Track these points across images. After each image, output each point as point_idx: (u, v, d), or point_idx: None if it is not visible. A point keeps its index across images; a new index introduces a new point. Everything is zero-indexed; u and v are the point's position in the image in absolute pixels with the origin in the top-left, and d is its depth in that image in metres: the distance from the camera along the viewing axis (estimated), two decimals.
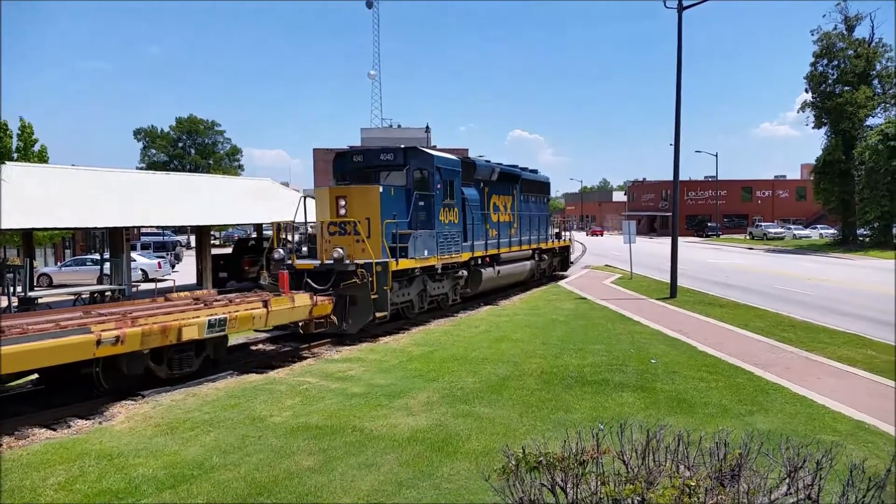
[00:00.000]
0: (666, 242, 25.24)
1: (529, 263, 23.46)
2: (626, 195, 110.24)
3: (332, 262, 13.87)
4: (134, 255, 27.92)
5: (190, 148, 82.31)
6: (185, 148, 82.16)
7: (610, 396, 9.08)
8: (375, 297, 13.72)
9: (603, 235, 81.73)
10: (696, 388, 9.50)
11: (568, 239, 30.22)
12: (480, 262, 19.22)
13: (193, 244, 38.71)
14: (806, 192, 77.42)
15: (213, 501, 5.92)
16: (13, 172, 18.25)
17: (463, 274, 18.14)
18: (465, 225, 18.06)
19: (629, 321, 15.64)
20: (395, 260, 14.52)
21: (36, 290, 22.16)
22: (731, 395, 9.13)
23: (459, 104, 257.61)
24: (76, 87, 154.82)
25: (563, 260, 28.81)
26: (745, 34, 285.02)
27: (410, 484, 6.18)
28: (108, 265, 21.31)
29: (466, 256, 18.08)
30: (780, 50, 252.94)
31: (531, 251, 23.62)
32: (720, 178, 78.76)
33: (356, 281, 13.57)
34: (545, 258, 25.52)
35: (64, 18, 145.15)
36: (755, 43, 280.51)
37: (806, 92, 51.10)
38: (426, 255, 15.91)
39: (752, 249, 50.88)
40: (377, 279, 13.74)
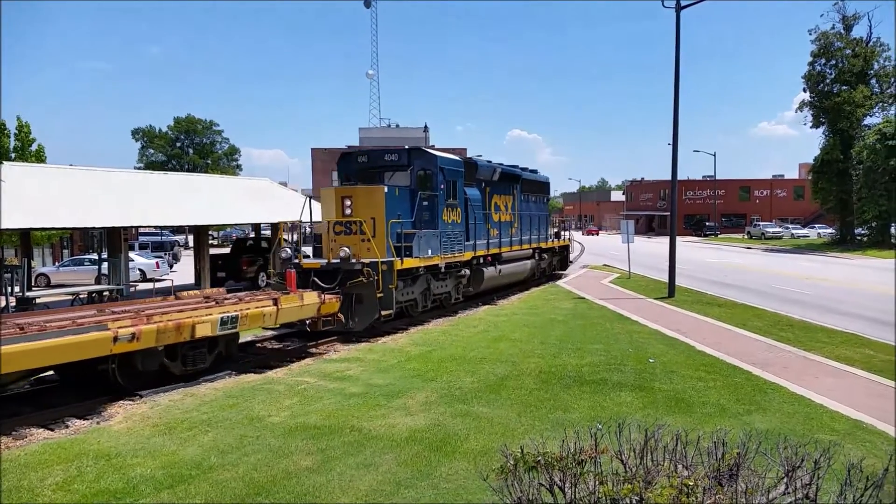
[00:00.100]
0: (664, 242, 25.26)
1: (530, 262, 23.63)
2: (624, 195, 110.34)
3: (338, 260, 14.01)
4: (132, 254, 27.87)
5: (188, 148, 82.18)
6: (183, 148, 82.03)
7: (608, 396, 9.09)
8: (381, 295, 13.84)
9: (598, 235, 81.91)
10: (694, 387, 9.51)
11: (567, 238, 30.44)
12: (482, 261, 19.39)
13: (191, 244, 38.65)
14: (804, 191, 77.55)
15: (211, 501, 5.92)
16: (11, 172, 18.22)
17: (466, 273, 18.29)
18: (467, 224, 18.21)
19: (627, 321, 15.65)
20: (399, 259, 14.65)
21: (34, 290, 22.13)
22: (729, 394, 9.14)
23: (457, 104, 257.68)
24: (74, 86, 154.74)
25: (562, 259, 29.02)
26: (743, 34, 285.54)
27: (409, 484, 6.18)
28: (106, 265, 21.29)
29: (469, 256, 18.23)
30: (778, 49, 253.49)
31: (531, 250, 23.77)
32: (718, 177, 78.92)
33: (362, 280, 13.69)
34: (545, 257, 25.71)
35: (62, 18, 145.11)
36: (753, 42, 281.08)
37: (804, 91, 51.30)
38: (430, 254, 16.05)
39: (750, 249, 50.93)
40: (383, 278, 13.87)
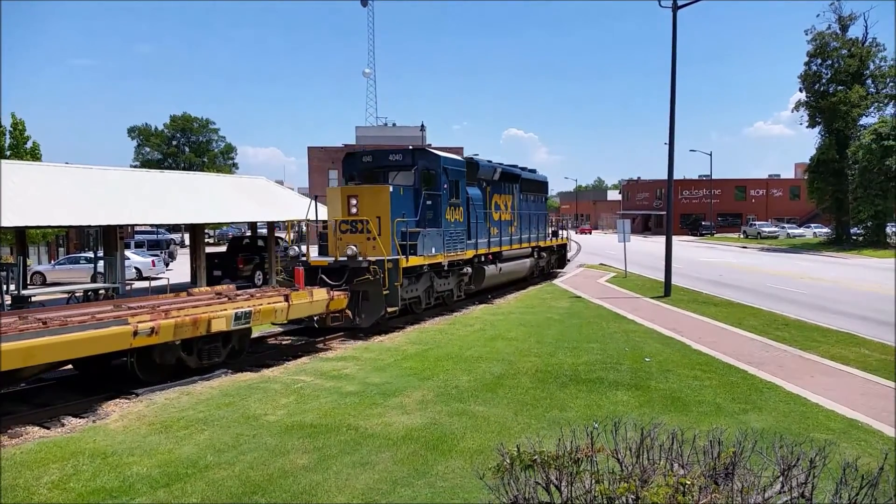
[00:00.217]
0: (660, 241, 25.33)
1: (529, 261, 23.93)
2: (620, 194, 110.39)
3: (345, 258, 14.35)
4: (128, 253, 27.82)
5: (184, 146, 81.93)
6: (179, 146, 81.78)
7: (604, 395, 9.10)
8: (387, 292, 14.15)
9: (591, 234, 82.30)
10: (690, 386, 9.53)
11: (565, 237, 30.86)
12: (483, 259, 19.73)
13: (187, 242, 38.56)
14: (800, 191, 77.75)
15: (207, 500, 5.91)
16: (5, 170, 18.13)
17: (467, 271, 18.63)
18: (469, 223, 18.52)
19: (623, 320, 15.67)
20: (405, 257, 14.96)
21: (29, 288, 22.03)
22: (725, 393, 9.16)
23: (454, 103, 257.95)
24: (69, 84, 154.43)
25: (560, 258, 29.41)
26: (739, 34, 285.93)
27: (405, 482, 6.18)
28: (101, 263, 21.23)
29: (471, 254, 18.57)
30: (774, 49, 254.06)
31: (531, 249, 24.10)
32: (714, 176, 79.03)
33: (369, 277, 13.99)
34: (544, 256, 26.09)
35: (57, 17, 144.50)
36: (750, 42, 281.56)
37: (800, 91, 51.43)
38: (433, 252, 16.35)
39: (746, 248, 51.04)
40: (389, 275, 14.18)
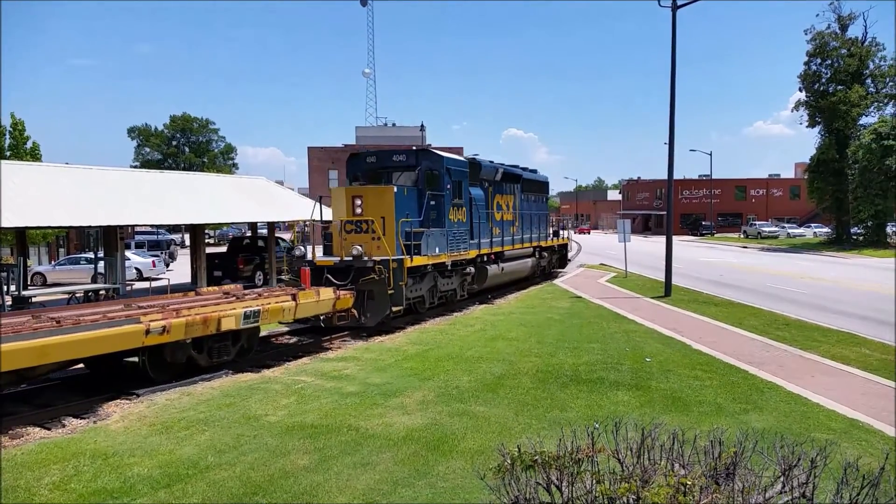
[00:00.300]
0: (660, 241, 25.34)
1: (531, 260, 24.09)
2: (620, 194, 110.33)
3: (351, 258, 14.45)
4: (128, 253, 27.81)
5: (184, 146, 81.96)
6: (179, 146, 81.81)
7: (605, 395, 9.10)
8: (392, 291, 14.28)
9: (589, 233, 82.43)
10: (690, 386, 9.53)
11: (566, 237, 31.06)
12: (486, 259, 19.85)
13: (188, 243, 38.56)
14: (800, 190, 77.70)
15: (208, 501, 5.91)
16: (6, 171, 18.13)
17: (470, 270, 18.77)
18: (471, 223, 18.65)
19: (624, 320, 15.67)
20: (409, 257, 15.06)
21: (30, 288, 22.03)
22: (725, 393, 9.16)
23: (453, 103, 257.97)
24: (69, 85, 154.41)
25: (561, 257, 29.57)
26: (739, 33, 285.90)
27: (406, 483, 6.18)
28: (102, 264, 21.23)
29: (474, 254, 18.69)
30: (774, 49, 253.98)
31: (532, 249, 24.24)
32: (714, 176, 79.00)
33: (374, 277, 14.11)
34: (545, 255, 26.25)
35: (57, 17, 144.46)
36: (750, 42, 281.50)
37: (800, 91, 51.39)
38: (437, 252, 16.47)
39: (746, 248, 51.03)
40: (394, 275, 14.31)
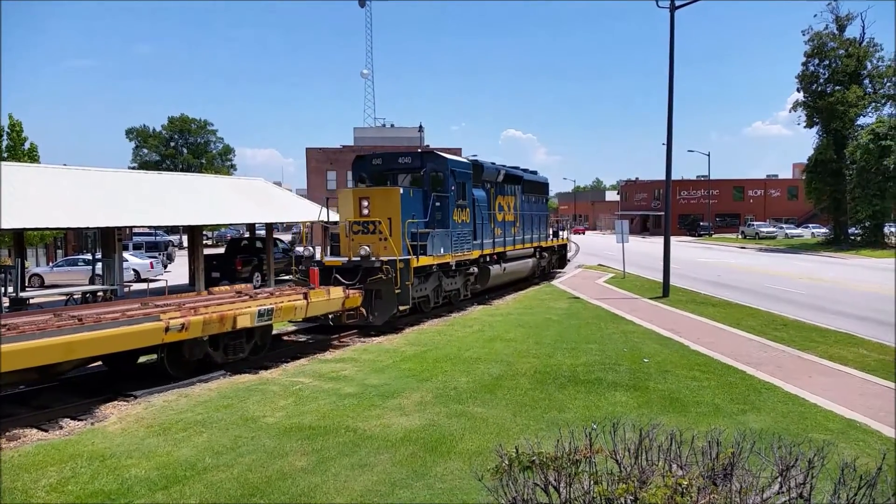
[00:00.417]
0: (658, 242, 25.39)
1: (532, 261, 24.30)
2: (618, 195, 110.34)
3: (358, 258, 14.69)
4: (126, 255, 27.76)
5: (182, 147, 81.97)
6: (177, 147, 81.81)
7: (603, 396, 9.11)
8: (399, 291, 14.48)
9: (584, 234, 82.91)
10: (688, 387, 9.53)
11: (565, 237, 31.35)
12: (488, 259, 20.06)
13: (186, 244, 38.48)
14: (798, 191, 77.72)
15: (205, 502, 5.90)
16: (4, 172, 18.11)
17: (474, 271, 18.98)
18: (475, 224, 18.84)
19: (622, 320, 15.68)
20: (415, 257, 15.29)
21: (28, 290, 22.00)
22: (723, 393, 9.17)
23: (452, 103, 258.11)
24: (66, 85, 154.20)
25: (560, 257, 29.82)
26: (737, 34, 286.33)
27: (404, 484, 6.18)
28: (100, 265, 21.21)
29: (477, 254, 18.90)
30: (772, 49, 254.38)
31: (533, 249, 24.46)
32: (712, 177, 79.11)
33: (382, 276, 14.35)
34: (545, 256, 26.47)
35: (56, 17, 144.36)
36: (748, 42, 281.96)
37: (797, 91, 51.41)
38: (442, 252, 16.69)
39: (744, 248, 51.08)
40: (400, 275, 14.53)
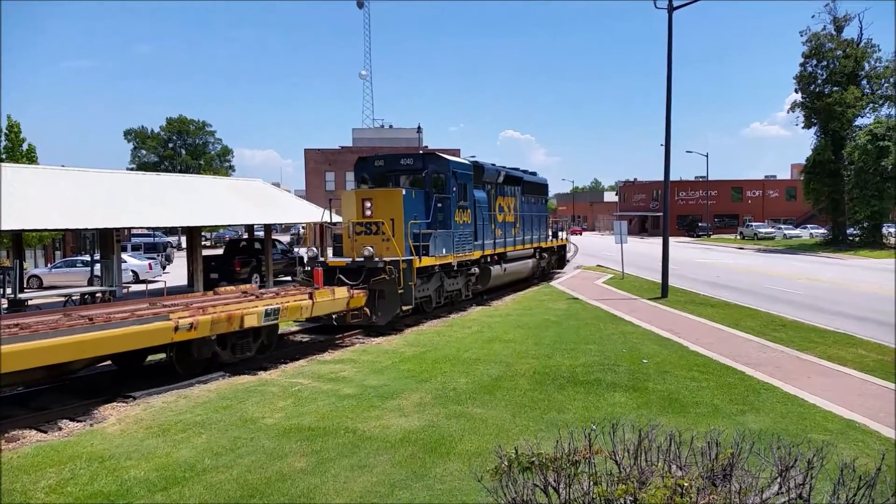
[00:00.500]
0: (657, 242, 25.44)
1: (531, 261, 24.41)
2: (617, 195, 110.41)
3: (362, 259, 14.78)
4: (124, 256, 27.75)
5: (181, 148, 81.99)
6: (175, 148, 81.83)
7: (602, 396, 9.11)
8: (402, 291, 14.58)
9: (581, 234, 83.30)
10: (687, 387, 9.54)
11: (564, 238, 31.50)
12: (489, 259, 20.15)
13: (184, 245, 38.46)
14: (796, 191, 77.73)
15: (205, 503, 5.90)
16: (2, 173, 18.10)
17: (475, 271, 19.09)
18: (476, 225, 18.94)
19: (621, 321, 15.68)
20: (418, 258, 15.38)
21: (26, 291, 21.98)
22: (722, 394, 9.17)
23: (451, 104, 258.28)
24: (64, 86, 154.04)
25: (560, 258, 29.97)
26: (735, 35, 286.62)
27: (403, 485, 6.18)
28: (98, 266, 21.18)
29: (478, 255, 19.01)
30: (771, 50, 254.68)
31: (533, 249, 24.57)
32: (711, 178, 79.22)
33: (385, 277, 14.41)
34: (545, 256, 26.58)
35: (56, 17, 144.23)
36: (746, 43, 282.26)
37: (796, 92, 51.42)
38: (444, 253, 16.78)
39: (742, 249, 51.12)
40: (403, 275, 14.62)
